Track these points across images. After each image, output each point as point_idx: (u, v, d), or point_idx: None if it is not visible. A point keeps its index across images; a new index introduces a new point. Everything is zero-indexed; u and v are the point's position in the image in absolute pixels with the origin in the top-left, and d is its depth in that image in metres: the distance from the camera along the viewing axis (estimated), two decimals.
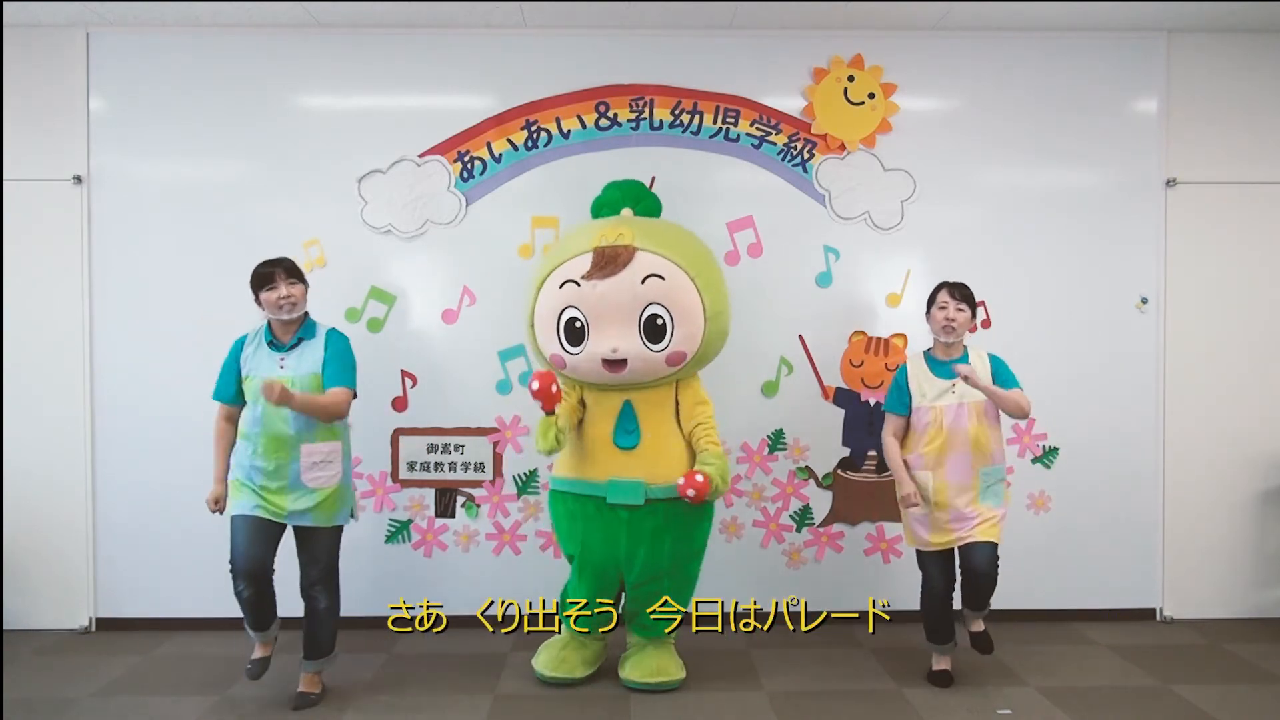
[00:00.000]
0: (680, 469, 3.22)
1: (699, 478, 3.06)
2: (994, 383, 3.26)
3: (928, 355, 3.38)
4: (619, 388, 3.25)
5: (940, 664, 3.41)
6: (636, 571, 3.23)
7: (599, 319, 3.14)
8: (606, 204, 3.48)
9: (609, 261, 3.10)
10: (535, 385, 3.05)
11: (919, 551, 3.37)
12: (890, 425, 3.38)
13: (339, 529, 3.21)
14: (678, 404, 3.31)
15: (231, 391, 3.17)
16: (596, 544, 3.24)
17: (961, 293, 3.30)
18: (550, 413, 3.10)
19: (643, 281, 3.11)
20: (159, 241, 3.94)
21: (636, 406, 3.24)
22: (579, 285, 3.14)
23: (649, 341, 3.14)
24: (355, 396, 3.21)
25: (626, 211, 3.41)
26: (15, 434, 3.95)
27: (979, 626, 3.39)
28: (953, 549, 3.29)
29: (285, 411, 3.03)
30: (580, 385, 3.33)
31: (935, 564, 3.32)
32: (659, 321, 3.14)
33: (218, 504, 3.20)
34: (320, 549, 3.17)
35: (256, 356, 3.14)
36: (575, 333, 3.17)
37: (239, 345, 3.19)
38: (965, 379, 3.17)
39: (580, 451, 3.30)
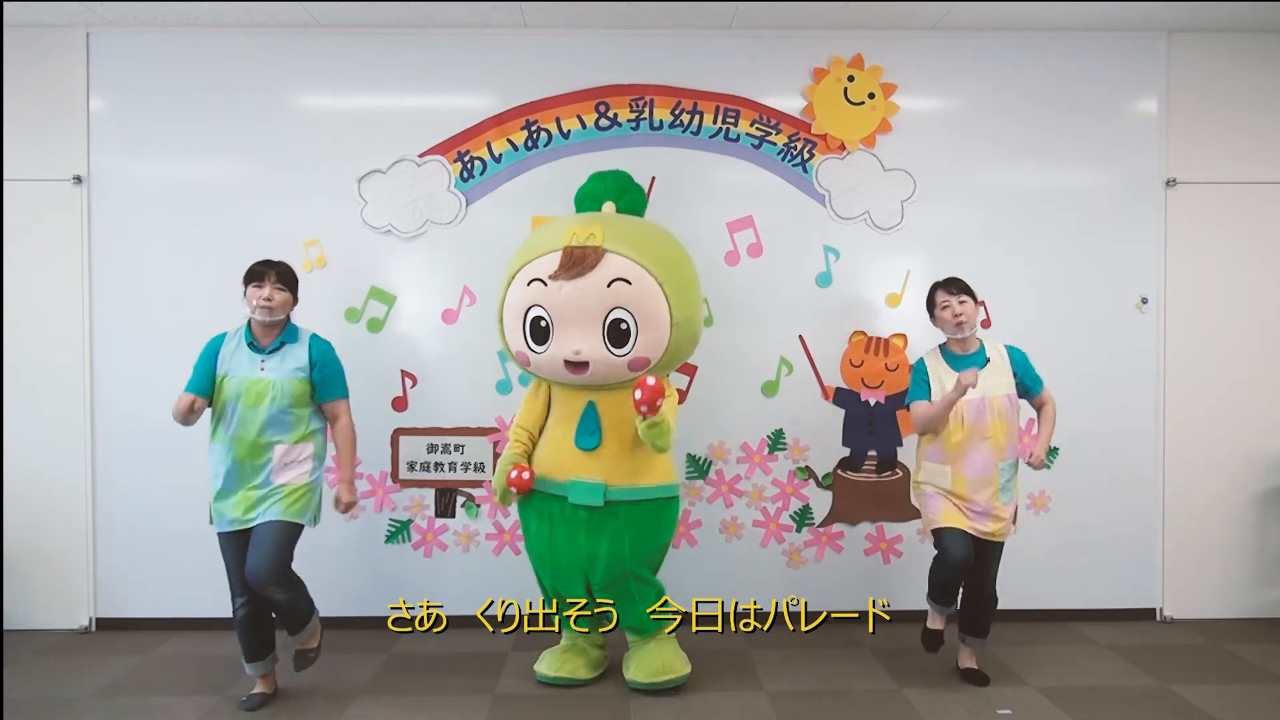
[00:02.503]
0: (642, 470, 3.21)
1: (650, 380, 2.90)
2: (1015, 378, 3.28)
3: (945, 351, 3.36)
4: (584, 388, 3.23)
5: (935, 622, 3.37)
6: (600, 572, 3.22)
7: (563, 320, 3.11)
8: (589, 195, 3.40)
9: (576, 263, 3.05)
10: (513, 475, 3.18)
11: (935, 530, 3.27)
12: (918, 407, 3.30)
13: (298, 528, 3.11)
14: None
15: (204, 385, 3.08)
16: (561, 544, 3.24)
17: (959, 286, 3.30)
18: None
19: (608, 285, 3.06)
20: (159, 241, 3.94)
21: (600, 408, 3.21)
22: (545, 285, 3.10)
23: (612, 346, 3.10)
24: (348, 396, 3.27)
25: (609, 206, 3.34)
26: (15, 434, 3.95)
27: (973, 663, 3.40)
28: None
29: (261, 415, 3.04)
30: (548, 383, 3.33)
31: (954, 536, 3.21)
32: (623, 326, 3.09)
33: (191, 404, 3.02)
34: (271, 540, 3.02)
35: (236, 357, 3.11)
36: (540, 331, 3.15)
37: (217, 342, 3.14)
38: (1039, 461, 3.28)
39: (546, 451, 3.30)
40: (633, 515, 3.20)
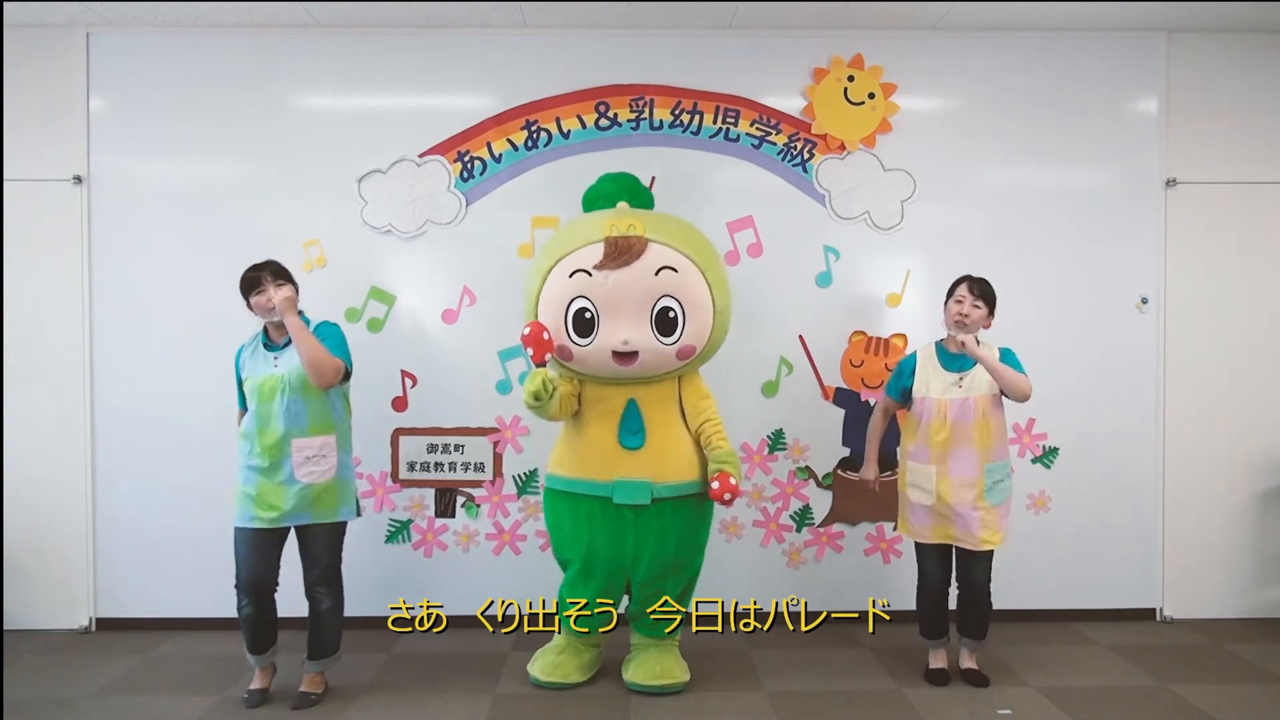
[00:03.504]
0: (685, 466, 3.22)
1: (732, 480, 3.08)
2: None
3: (940, 347, 3.37)
4: (623, 385, 3.21)
5: (936, 661, 3.42)
6: (643, 571, 3.23)
7: (611, 310, 3.08)
8: (603, 196, 3.36)
9: (623, 252, 3.04)
10: (526, 331, 3.01)
11: (916, 545, 3.38)
12: (881, 403, 3.53)
13: (340, 526, 3.21)
14: (680, 400, 3.29)
15: (243, 398, 3.18)
16: (603, 545, 3.22)
17: (981, 289, 3.29)
18: (540, 364, 3.07)
19: (656, 273, 3.06)
20: (159, 241, 3.94)
21: (641, 405, 3.19)
22: (590, 275, 3.07)
23: (660, 334, 3.11)
24: (349, 373, 3.19)
25: (622, 205, 3.31)
26: (15, 434, 3.95)
27: (972, 664, 3.40)
28: (950, 546, 3.29)
29: (275, 409, 3.06)
30: (581, 382, 3.30)
31: (932, 558, 3.34)
32: (671, 314, 3.10)
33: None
34: (320, 548, 3.17)
35: (254, 359, 3.16)
36: (584, 324, 3.11)
37: (239, 353, 3.22)
38: (964, 347, 3.21)
39: (582, 451, 3.26)
40: (678, 512, 3.21)
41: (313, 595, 3.20)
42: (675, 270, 3.09)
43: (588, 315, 3.11)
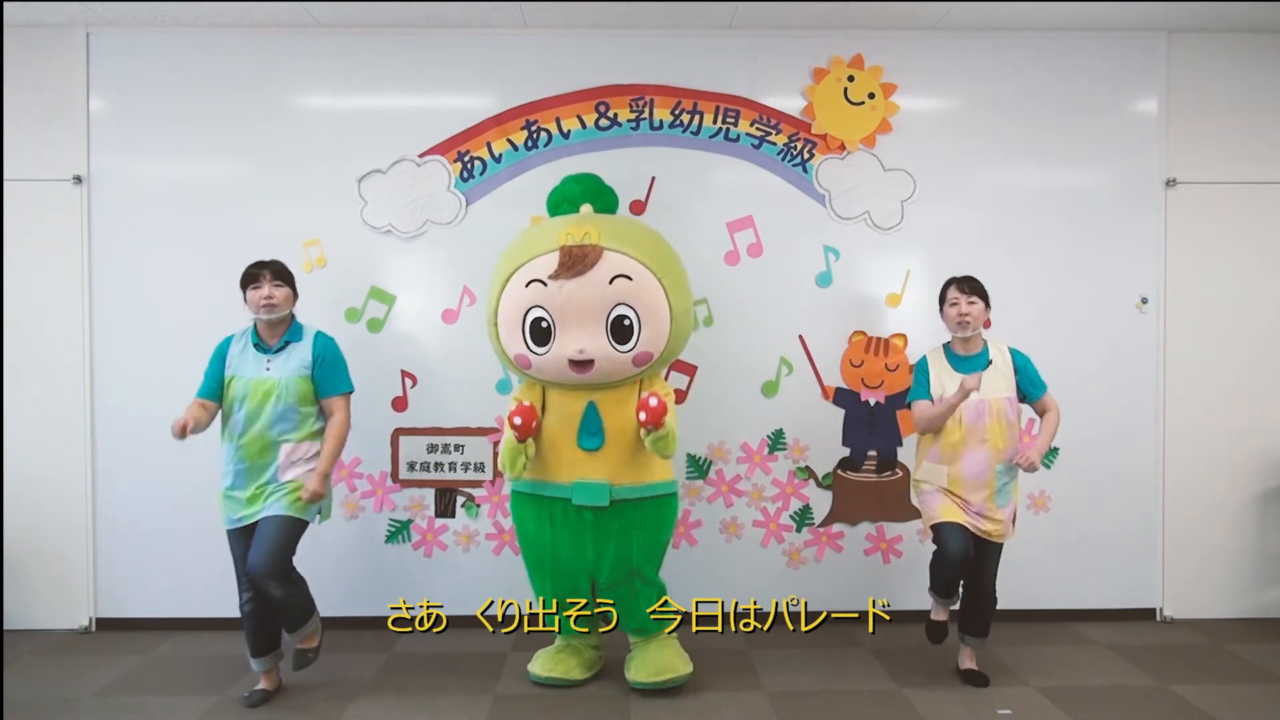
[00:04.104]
0: (644, 468, 3.23)
1: (653, 401, 3.02)
2: (1017, 381, 3.27)
3: (948, 350, 3.37)
4: (584, 388, 3.22)
5: (939, 614, 3.39)
6: (606, 572, 3.23)
7: (565, 319, 3.10)
8: (566, 198, 3.38)
9: (576, 261, 3.05)
10: (518, 420, 3.08)
11: (935, 524, 3.27)
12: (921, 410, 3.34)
13: (301, 524, 3.12)
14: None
15: (212, 389, 3.15)
16: (565, 546, 3.24)
17: (971, 286, 3.29)
18: (522, 441, 3.13)
19: (610, 282, 3.07)
20: (159, 241, 3.94)
21: (601, 407, 3.20)
22: (545, 285, 3.09)
23: (616, 342, 3.11)
24: (352, 391, 3.25)
25: (586, 208, 3.33)
26: (15, 434, 3.95)
27: (973, 664, 3.40)
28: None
29: (267, 413, 3.07)
30: (543, 385, 3.30)
31: (954, 531, 3.20)
32: (626, 322, 3.11)
33: (183, 428, 2.97)
34: (272, 535, 3.03)
35: (243, 357, 3.15)
36: (541, 333, 3.13)
37: (224, 346, 3.20)
38: (1028, 467, 3.16)
39: (544, 453, 3.26)
40: (638, 514, 3.22)
41: (261, 589, 3.06)
42: (630, 278, 3.09)
43: (544, 324, 3.13)
